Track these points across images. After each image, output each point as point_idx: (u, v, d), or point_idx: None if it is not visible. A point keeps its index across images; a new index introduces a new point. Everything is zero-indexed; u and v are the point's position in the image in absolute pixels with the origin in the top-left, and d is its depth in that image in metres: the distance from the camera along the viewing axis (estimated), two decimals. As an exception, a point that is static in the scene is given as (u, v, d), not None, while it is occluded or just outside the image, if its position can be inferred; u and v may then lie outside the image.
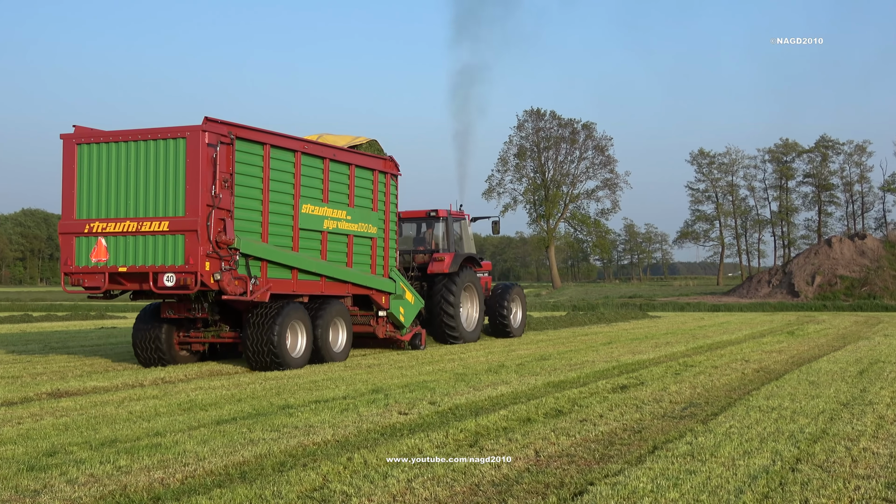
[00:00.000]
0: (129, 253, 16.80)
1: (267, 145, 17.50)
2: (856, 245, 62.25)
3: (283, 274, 18.19)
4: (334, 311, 19.48)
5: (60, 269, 17.51)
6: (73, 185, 17.16)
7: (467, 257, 25.68)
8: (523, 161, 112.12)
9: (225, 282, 16.58)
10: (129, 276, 16.96)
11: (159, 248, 16.54)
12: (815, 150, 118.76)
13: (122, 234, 16.76)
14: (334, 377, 16.25)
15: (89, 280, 17.13)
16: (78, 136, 17.25)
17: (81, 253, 17.13)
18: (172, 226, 16.34)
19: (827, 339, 25.58)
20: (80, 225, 17.07)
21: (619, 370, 17.19)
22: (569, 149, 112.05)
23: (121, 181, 16.87)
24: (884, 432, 10.21)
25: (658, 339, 26.07)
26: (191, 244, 16.22)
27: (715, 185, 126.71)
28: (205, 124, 16.30)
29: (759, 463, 8.60)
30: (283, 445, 9.63)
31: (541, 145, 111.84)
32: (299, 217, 18.41)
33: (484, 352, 21.71)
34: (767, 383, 14.72)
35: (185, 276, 16.30)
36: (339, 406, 12.40)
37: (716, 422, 10.91)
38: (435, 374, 16.68)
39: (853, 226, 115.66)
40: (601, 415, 11.62)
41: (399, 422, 11.15)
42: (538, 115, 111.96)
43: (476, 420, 11.07)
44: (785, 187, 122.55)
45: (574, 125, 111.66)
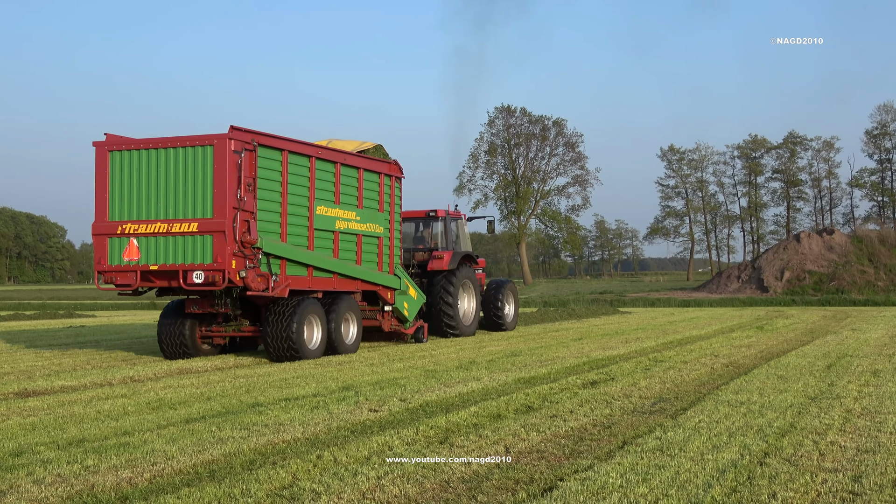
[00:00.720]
0: (159, 252, 18.02)
1: (285, 151, 18.76)
2: (824, 240, 62.73)
3: (300, 271, 19.52)
4: (346, 306, 20.75)
5: (94, 268, 18.66)
6: (105, 189, 18.37)
7: (465, 255, 26.91)
8: (494, 157, 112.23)
9: (249, 279, 17.87)
10: (159, 274, 18.14)
11: (189, 247, 17.77)
12: (784, 147, 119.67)
13: (153, 234, 17.99)
14: (304, 375, 16.21)
15: (121, 278, 18.32)
16: (110, 144, 18.42)
17: (114, 252, 18.34)
18: (201, 227, 17.57)
19: (795, 333, 25.76)
20: (112, 226, 18.29)
21: (589, 366, 17.24)
22: (539, 145, 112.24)
23: (151, 185, 18.10)
24: (851, 426, 10.28)
25: (628, 334, 26.17)
26: (219, 244, 17.48)
27: (685, 181, 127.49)
28: (231, 132, 17.50)
29: (727, 457, 8.64)
30: (252, 444, 9.59)
31: (511, 142, 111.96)
32: (314, 218, 19.71)
33: (455, 348, 21.72)
34: (736, 378, 14.80)
35: (213, 273, 17.55)
36: (310, 404, 12.37)
37: (685, 416, 10.96)
38: (406, 371, 16.66)
39: (821, 221, 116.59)
40: (571, 410, 11.64)
41: (369, 419, 11.13)
42: (509, 111, 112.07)
43: (446, 417, 11.06)
44: (754, 183, 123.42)
45: (545, 122, 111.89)
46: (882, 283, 57.55)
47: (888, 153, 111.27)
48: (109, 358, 20.08)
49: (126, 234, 18.19)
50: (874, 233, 65.30)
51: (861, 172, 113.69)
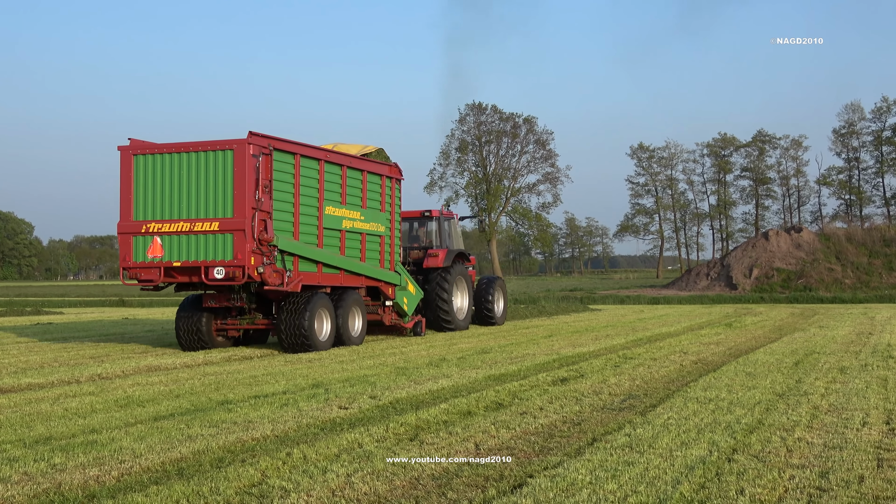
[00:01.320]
0: (182, 249, 19.23)
1: (297, 155, 19.98)
2: (792, 238, 63.16)
3: (311, 268, 20.72)
4: (352, 301, 22.07)
5: (119, 265, 19.93)
6: (130, 191, 19.51)
7: (458, 253, 28.19)
8: (465, 155, 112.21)
9: (266, 274, 19.03)
10: (181, 270, 19.34)
11: (210, 245, 19.02)
12: (753, 145, 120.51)
13: (175, 233, 19.21)
14: (274, 372, 16.15)
15: (145, 273, 19.51)
16: (134, 148, 19.62)
17: (138, 250, 19.54)
18: (222, 226, 18.82)
19: (764, 330, 25.92)
20: (137, 226, 19.48)
21: (559, 363, 17.28)
22: (510, 143, 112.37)
23: (174, 187, 19.28)
24: (818, 422, 10.36)
25: (598, 331, 26.25)
26: (238, 242, 18.72)
27: (654, 178, 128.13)
28: (249, 138, 18.74)
29: (696, 454, 8.69)
30: (221, 441, 9.55)
31: (482, 139, 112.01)
32: (323, 217, 20.94)
33: (425, 346, 21.71)
34: (705, 375, 14.88)
35: (233, 269, 18.80)
36: (279, 401, 12.33)
37: (654, 413, 11.01)
38: (376, 368, 16.64)
39: (789, 219, 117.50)
40: (541, 407, 11.67)
41: (339, 417, 11.11)
42: (480, 108, 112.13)
43: (416, 414, 11.06)
44: (723, 181, 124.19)
45: (515, 119, 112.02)
46: (849, 280, 58.02)
47: (855, 152, 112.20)
48: (77, 355, 19.92)
49: (150, 232, 19.38)
50: (841, 231, 65.80)
51: (829, 171, 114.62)
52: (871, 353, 18.20)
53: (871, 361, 16.62)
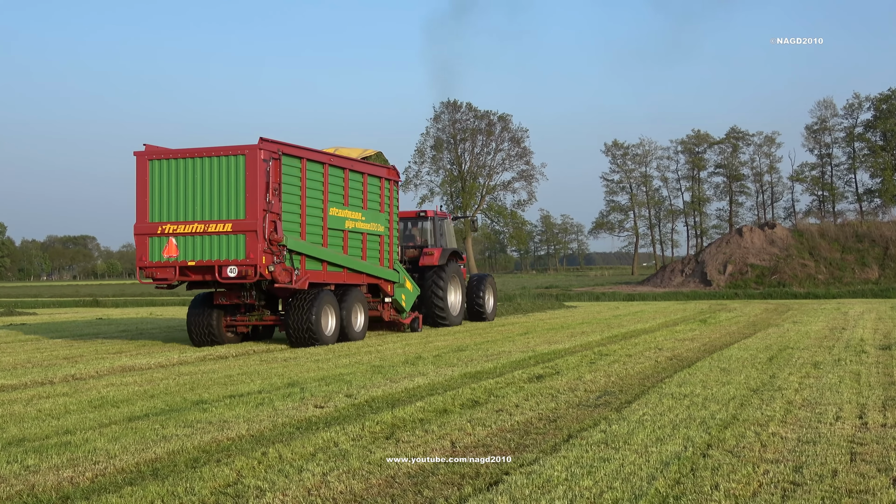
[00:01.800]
0: (196, 249, 20.24)
1: (304, 159, 21.13)
2: (766, 234, 63.48)
3: (316, 266, 21.85)
4: (355, 297, 23.20)
5: (136, 265, 20.95)
6: (146, 194, 20.50)
7: (452, 252, 29.32)
8: (440, 153, 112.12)
9: (277, 272, 20.12)
10: (196, 269, 20.38)
11: (223, 245, 20.05)
12: (726, 142, 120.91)
13: (190, 234, 20.23)
14: (249, 371, 16.10)
15: (161, 273, 20.53)
16: (149, 153, 20.62)
17: (154, 250, 20.53)
18: (235, 227, 19.87)
19: (738, 326, 26.05)
20: (153, 227, 20.47)
21: (535, 360, 17.30)
22: (485, 140, 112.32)
23: (189, 190, 20.29)
24: (792, 417, 10.42)
25: (574, 328, 26.31)
26: (251, 242, 19.78)
27: (629, 175, 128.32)
28: (260, 143, 19.86)
29: (671, 449, 8.72)
30: (196, 441, 9.51)
31: (457, 137, 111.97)
32: (327, 218, 22.06)
33: (401, 344, 21.70)
34: (680, 371, 14.94)
35: (246, 267, 19.88)
36: (254, 400, 12.29)
37: (629, 409, 11.04)
38: (351, 366, 16.62)
39: (763, 215, 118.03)
40: (517, 405, 11.68)
41: (315, 415, 11.09)
42: (454, 106, 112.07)
43: (392, 412, 11.06)
44: (697, 178, 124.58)
45: (490, 117, 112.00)
46: (822, 276, 58.38)
47: (828, 148, 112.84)
48: (51, 356, 19.79)
49: (166, 233, 20.38)
50: (814, 227, 66.17)
51: (801, 167, 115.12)
52: (844, 348, 18.32)
53: (845, 356, 16.73)
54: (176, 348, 21.25)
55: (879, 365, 15.35)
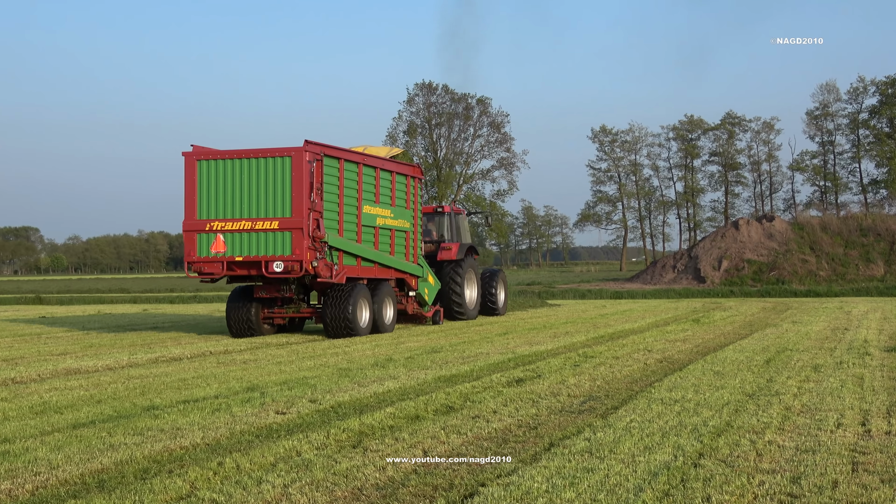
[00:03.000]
0: (243, 245, 22.93)
1: (341, 160, 23.88)
2: (764, 227, 63.82)
3: (352, 261, 24.61)
4: (385, 291, 26.00)
5: (184, 259, 23.62)
6: (194, 193, 23.15)
7: (469, 247, 32.13)
8: (414, 139, 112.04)
9: (319, 267, 22.84)
10: (242, 264, 23.11)
11: (270, 241, 22.73)
12: (722, 128, 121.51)
13: (238, 231, 22.92)
14: (205, 374, 16.06)
15: (208, 267, 23.24)
16: (197, 154, 23.29)
17: (202, 246, 23.20)
18: (281, 224, 22.58)
19: (733, 326, 26.18)
20: (201, 224, 23.16)
21: (514, 362, 17.34)
22: (462, 125, 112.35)
23: (236, 189, 22.97)
24: (790, 424, 10.48)
25: (557, 328, 26.37)
26: (297, 239, 22.46)
27: (617, 164, 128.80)
28: (305, 146, 22.53)
29: (660, 459, 8.75)
30: (146, 450, 9.47)
31: (432, 121, 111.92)
32: (361, 216, 24.79)
33: (371, 345, 21.70)
34: (671, 374, 15.00)
35: (291, 263, 22.56)
36: (211, 406, 12.25)
37: (616, 416, 11.08)
38: (316, 369, 16.60)
39: (761, 207, 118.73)
40: (495, 410, 11.70)
41: (276, 422, 11.07)
42: (430, 88, 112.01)
43: (360, 419, 11.05)
44: (690, 167, 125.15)
45: (468, 100, 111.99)
46: (824, 272, 58.76)
47: (830, 135, 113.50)
48: (-12, 358, 19.67)
49: (214, 230, 23.04)
50: (816, 219, 66.54)
51: (802, 155, 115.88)
52: (847, 350, 18.44)
53: (847, 359, 16.85)
54: (125, 350, 21.17)
55: (884, 368, 15.46)
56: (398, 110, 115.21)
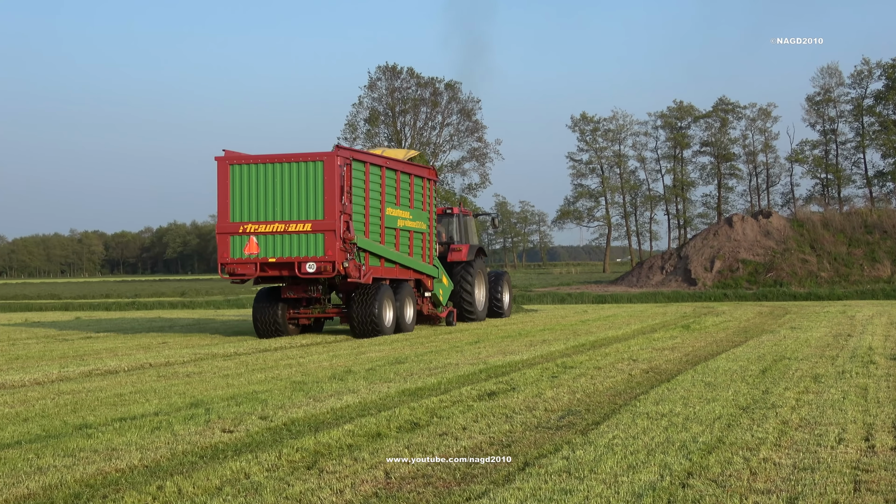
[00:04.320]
0: (276, 247, 25.91)
1: (367, 163, 26.99)
2: (760, 224, 64.14)
3: (376, 262, 27.68)
4: (406, 291, 29.35)
5: (217, 261, 26.49)
6: (227, 196, 26.09)
7: (479, 248, 35.03)
8: (376, 127, 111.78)
9: (350, 268, 25.91)
10: (275, 265, 26.09)
11: (303, 243, 25.70)
12: (714, 115, 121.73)
13: (271, 233, 25.89)
14: (144, 389, 15.99)
15: (241, 268, 26.16)
16: (230, 158, 26.28)
17: (235, 248, 26.17)
18: (314, 227, 25.59)
19: (727, 333, 26.31)
20: (234, 226, 26.14)
21: (486, 374, 17.36)
22: (430, 113, 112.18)
23: (269, 192, 25.96)
24: (787, 439, 10.55)
25: (533, 336, 26.43)
26: (329, 240, 25.48)
27: (600, 155, 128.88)
28: (336, 151, 25.77)
29: (644, 479, 8.78)
30: (78, 473, 9.42)
31: (396, 108, 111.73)
32: (385, 218, 27.96)
33: (328, 355, 21.69)
34: (657, 386, 15.06)
35: (324, 263, 25.57)
36: (150, 424, 12.21)
37: (597, 432, 11.11)
38: (268, 382, 16.57)
39: (757, 202, 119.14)
40: (464, 427, 11.71)
41: (222, 441, 11.04)
42: (393, 72, 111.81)
43: (315, 437, 11.04)
44: (680, 158, 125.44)
45: (436, 85, 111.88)
46: (826, 273, 59.12)
47: (832, 123, 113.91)
48: None
49: (247, 232, 25.98)
50: (817, 216, 66.89)
51: (801, 145, 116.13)
52: (850, 358, 18.57)
53: (850, 368, 16.96)
54: (56, 362, 21.05)
55: (890, 378, 15.59)
56: (358, 96, 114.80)
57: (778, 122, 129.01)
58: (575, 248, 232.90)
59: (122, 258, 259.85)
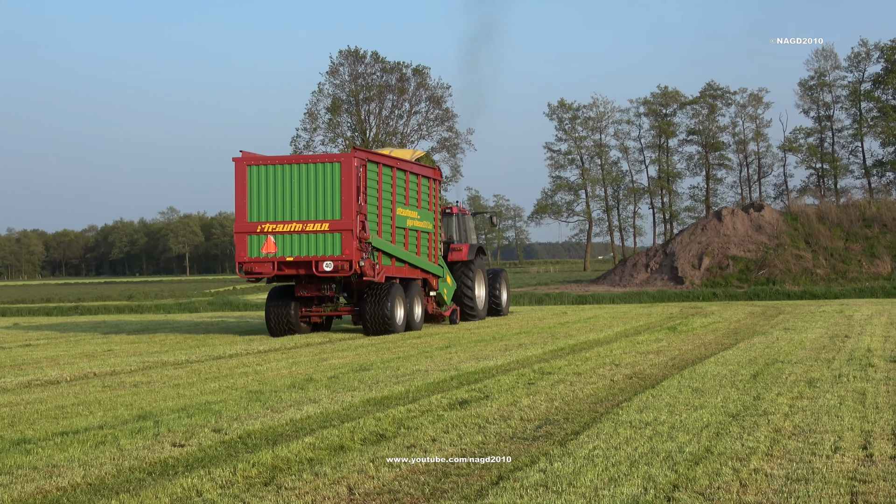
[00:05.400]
0: (294, 246, 28.50)
1: (380, 164, 29.79)
2: (751, 218, 64.40)
3: (388, 261, 30.27)
4: (415, 290, 31.96)
5: (235, 260, 29.31)
6: (244, 196, 28.70)
7: (479, 247, 37.43)
8: (338, 116, 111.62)
9: (366, 267, 28.41)
10: (292, 264, 28.71)
11: (320, 242, 28.32)
12: (701, 101, 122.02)
13: (288, 232, 28.48)
14: (88, 400, 15.93)
15: (259, 267, 28.70)
16: (247, 160, 28.94)
17: (253, 247, 28.70)
18: (332, 226, 28.24)
19: (716, 335, 26.42)
20: (252, 226, 28.71)
21: (458, 381, 17.38)
22: (396, 100, 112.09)
23: (286, 193, 28.58)
24: (779, 449, 10.60)
25: (508, 340, 26.46)
26: (346, 240, 28.13)
27: (579, 145, 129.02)
28: (353, 152, 28.64)
29: (627, 492, 8.81)
30: (16, 492, 9.39)
31: (360, 95, 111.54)
32: (396, 218, 30.66)
33: (287, 362, 21.66)
34: (641, 392, 15.11)
35: (341, 262, 28.16)
36: (94, 438, 12.17)
37: (576, 442, 11.14)
38: (222, 392, 16.54)
39: (748, 194, 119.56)
40: (434, 438, 11.72)
41: (172, 456, 11.01)
42: (356, 56, 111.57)
43: (273, 450, 11.03)
44: (665, 147, 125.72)
45: (402, 70, 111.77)
46: (822, 270, 59.41)
47: (827, 109, 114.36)
48: None
49: (265, 232, 28.55)
50: (812, 208, 67.17)
51: (795, 133, 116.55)
52: (847, 361, 18.68)
53: (847, 371, 17.06)
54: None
55: (890, 382, 15.69)
56: (318, 83, 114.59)
57: (770, 108, 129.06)
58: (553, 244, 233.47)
59: (64, 259, 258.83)
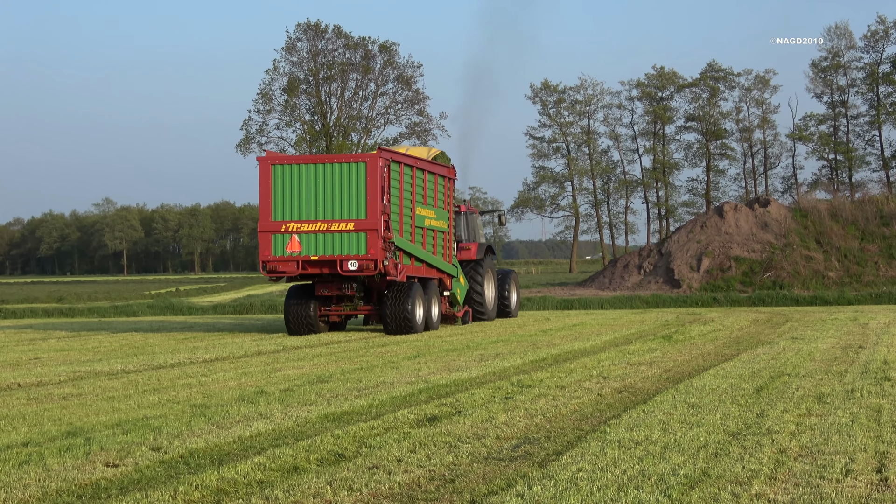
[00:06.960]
0: (318, 245, 31.36)
1: (402, 164, 32.69)
2: (756, 215, 64.56)
3: (408, 261, 33.05)
4: (433, 290, 34.96)
5: (259, 259, 32.28)
6: (269, 195, 31.65)
7: (488, 247, 40.30)
8: (295, 97, 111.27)
9: (389, 266, 31.22)
10: (317, 263, 31.54)
11: (345, 242, 31.19)
12: (701, 84, 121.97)
13: (313, 231, 31.34)
14: (11, 415, 15.88)
15: (283, 266, 31.55)
16: (272, 159, 32.57)
17: (277, 246, 31.56)
18: (357, 226, 31.03)
19: (715, 345, 26.47)
20: (276, 225, 31.64)
21: (427, 395, 17.38)
22: (360, 80, 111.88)
23: (311, 192, 31.52)
24: (784, 471, 10.62)
25: (484, 349, 26.46)
26: (371, 239, 30.91)
27: (565, 131, 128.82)
28: (379, 153, 31.53)
29: (614, 519, 8.83)
30: (-73, 518, 9.35)
31: (320, 75, 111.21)
32: (415, 217, 33.57)
33: (235, 373, 21.63)
34: (632, 408, 15.14)
35: (366, 262, 30.97)
36: (17, 457, 12.13)
37: (558, 464, 11.15)
38: (162, 406, 16.50)
39: (753, 188, 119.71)
40: (399, 459, 11.72)
41: (105, 478, 10.99)
42: (316, 31, 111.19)
43: (219, 471, 11.02)
44: (660, 135, 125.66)
45: (367, 46, 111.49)
46: (834, 273, 59.60)
47: (842, 93, 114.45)
48: None
49: (289, 231, 31.41)
50: (824, 204, 67.31)
51: (806, 120, 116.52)
52: (861, 375, 18.74)
53: (860, 386, 17.12)
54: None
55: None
56: (273, 60, 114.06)
57: (778, 92, 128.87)
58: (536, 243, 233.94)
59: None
